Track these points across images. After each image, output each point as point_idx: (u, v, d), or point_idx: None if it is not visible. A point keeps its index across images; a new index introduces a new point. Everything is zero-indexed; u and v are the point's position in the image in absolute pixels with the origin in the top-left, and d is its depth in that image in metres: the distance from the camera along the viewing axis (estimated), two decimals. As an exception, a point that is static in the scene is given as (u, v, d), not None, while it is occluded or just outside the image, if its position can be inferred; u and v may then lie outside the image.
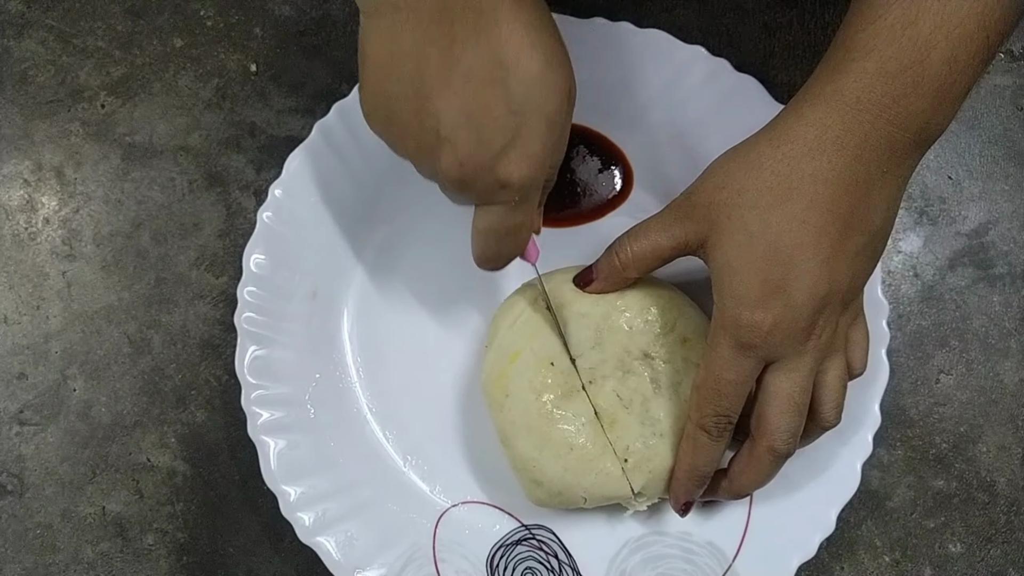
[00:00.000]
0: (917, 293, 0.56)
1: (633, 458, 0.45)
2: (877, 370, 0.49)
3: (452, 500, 0.50)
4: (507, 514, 0.50)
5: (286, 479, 0.48)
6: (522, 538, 0.50)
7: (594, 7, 0.54)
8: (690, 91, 0.51)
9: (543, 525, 0.50)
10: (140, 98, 0.56)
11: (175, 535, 0.53)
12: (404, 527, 0.49)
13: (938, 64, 0.37)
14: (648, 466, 0.45)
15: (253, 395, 0.48)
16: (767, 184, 0.39)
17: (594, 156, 0.53)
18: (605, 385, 0.46)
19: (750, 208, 0.39)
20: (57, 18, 0.57)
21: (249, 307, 0.49)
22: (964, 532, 0.54)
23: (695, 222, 0.41)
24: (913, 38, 0.37)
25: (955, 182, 0.57)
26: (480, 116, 0.36)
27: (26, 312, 0.54)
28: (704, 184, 0.42)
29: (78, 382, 0.54)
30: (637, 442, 0.45)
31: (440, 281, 0.52)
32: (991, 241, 0.56)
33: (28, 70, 0.56)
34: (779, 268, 0.39)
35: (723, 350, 0.41)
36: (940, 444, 0.54)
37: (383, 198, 0.51)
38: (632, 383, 0.46)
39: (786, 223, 0.39)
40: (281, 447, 0.48)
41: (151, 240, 0.55)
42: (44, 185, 0.56)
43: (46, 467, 0.53)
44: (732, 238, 0.40)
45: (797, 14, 0.57)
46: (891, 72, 0.37)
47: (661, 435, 0.45)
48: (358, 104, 0.40)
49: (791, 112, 0.40)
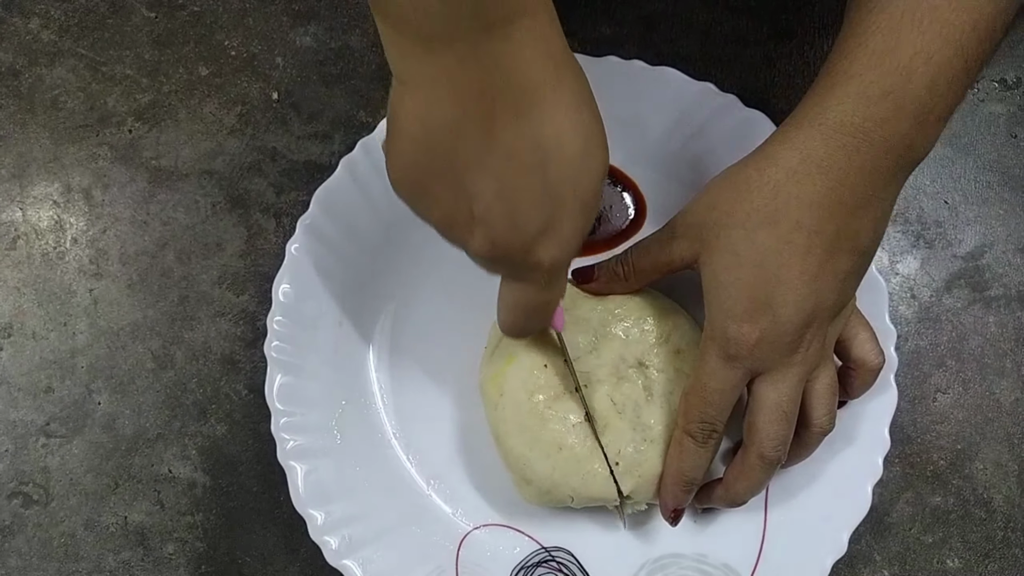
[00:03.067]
0: (914, 314, 0.57)
1: (624, 462, 0.46)
2: (886, 395, 0.50)
3: (474, 523, 0.51)
4: (527, 536, 0.51)
5: (314, 503, 0.49)
6: (542, 560, 0.51)
7: (600, 39, 0.57)
8: (700, 126, 0.53)
9: (562, 547, 0.51)
10: (166, 124, 0.58)
11: (194, 545, 0.54)
12: (427, 549, 0.50)
13: (919, 89, 0.39)
14: (638, 471, 0.46)
15: (282, 422, 0.49)
16: (754, 206, 0.40)
17: (609, 186, 0.55)
18: (599, 389, 0.48)
19: (738, 228, 0.41)
20: (87, 47, 0.59)
21: (278, 336, 0.50)
22: (962, 547, 0.54)
23: (689, 240, 0.43)
24: (894, 65, 0.38)
25: (951, 207, 0.58)
26: (516, 199, 0.34)
27: (54, 328, 0.56)
28: (697, 204, 0.43)
29: (103, 396, 0.55)
30: (628, 447, 0.46)
31: (465, 307, 0.52)
32: (986, 264, 0.58)
33: (59, 96, 0.59)
34: (766, 286, 0.40)
35: (711, 360, 0.42)
36: (938, 461, 0.55)
37: (408, 230, 0.52)
38: (626, 389, 0.47)
39: (772, 243, 0.40)
40: (308, 472, 0.49)
41: (175, 260, 0.57)
42: (73, 206, 0.57)
43: (71, 478, 0.54)
44: (721, 256, 0.41)
45: (796, 45, 0.59)
46: (873, 97, 0.39)
47: (652, 441, 0.47)
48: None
49: (778, 136, 0.41)
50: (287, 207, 0.57)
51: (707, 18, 0.59)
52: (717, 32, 0.59)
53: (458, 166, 0.34)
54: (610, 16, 0.59)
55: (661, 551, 0.51)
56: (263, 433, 0.51)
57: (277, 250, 0.56)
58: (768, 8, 0.59)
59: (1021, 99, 0.60)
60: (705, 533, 0.51)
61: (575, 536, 0.51)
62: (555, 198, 0.35)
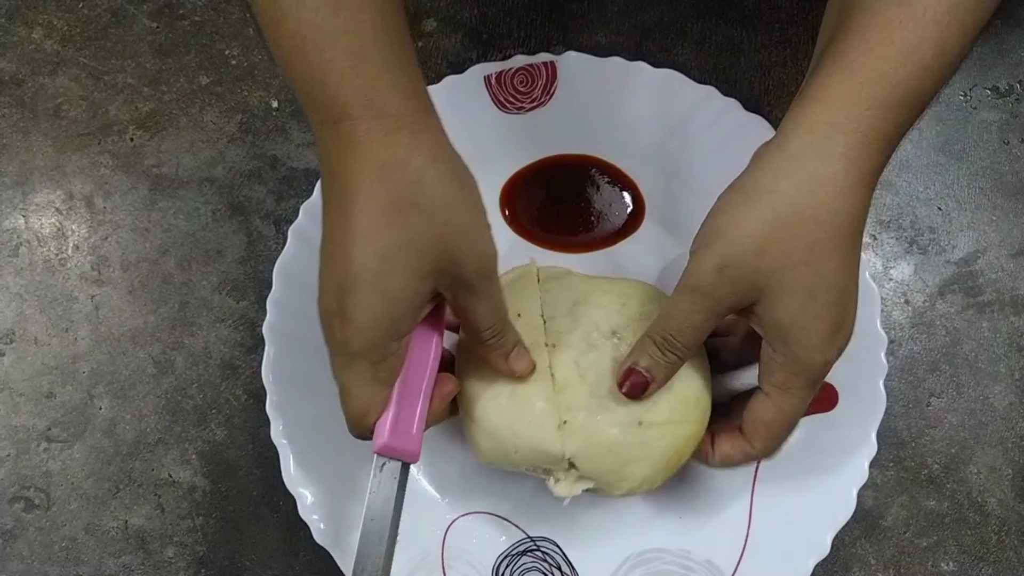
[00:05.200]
0: (908, 319, 0.57)
1: (573, 422, 0.44)
2: (874, 400, 0.51)
3: (462, 510, 0.52)
4: (514, 525, 0.52)
5: (304, 482, 0.49)
6: (527, 549, 0.51)
7: (596, 48, 0.57)
8: (701, 128, 0.54)
9: (548, 538, 0.52)
10: (167, 132, 0.59)
11: (194, 548, 0.54)
12: (415, 534, 0.50)
13: (935, 88, 0.39)
14: (585, 436, 0.44)
15: (276, 399, 0.50)
16: (815, 238, 0.38)
17: (608, 185, 0.55)
18: (566, 353, 0.46)
19: (803, 266, 0.38)
20: (89, 56, 0.60)
21: (275, 316, 0.51)
22: (956, 551, 0.55)
23: (740, 294, 0.40)
24: (918, 63, 0.38)
25: (944, 213, 0.59)
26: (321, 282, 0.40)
27: (55, 334, 0.56)
28: (736, 253, 0.39)
29: (104, 401, 0.55)
30: (581, 412, 0.45)
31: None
32: (979, 269, 0.58)
33: (61, 105, 0.59)
34: (840, 309, 0.40)
35: (800, 393, 0.41)
36: (932, 465, 0.55)
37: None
38: (593, 357, 0.46)
39: (841, 268, 0.39)
40: (300, 452, 0.50)
41: (176, 266, 0.57)
42: (75, 214, 0.58)
43: (72, 482, 0.55)
44: (793, 297, 0.39)
45: (791, 53, 0.60)
46: (903, 104, 0.38)
47: (608, 411, 0.44)
48: None
49: (811, 150, 0.38)
50: (287, 214, 0.57)
51: (701, 27, 0.60)
52: (712, 41, 0.60)
53: None
54: (605, 25, 0.60)
55: (645, 545, 0.51)
56: (263, 438, 0.51)
57: (277, 257, 0.56)
58: (762, 18, 0.60)
59: (1013, 106, 0.60)
60: (689, 529, 0.51)
61: (561, 527, 0.51)
62: (337, 290, 0.39)
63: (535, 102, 0.55)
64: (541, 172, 0.56)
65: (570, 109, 0.55)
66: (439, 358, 0.43)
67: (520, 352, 0.45)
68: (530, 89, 0.55)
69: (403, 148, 0.37)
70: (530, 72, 0.55)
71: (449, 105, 0.51)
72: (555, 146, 0.55)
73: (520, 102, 0.55)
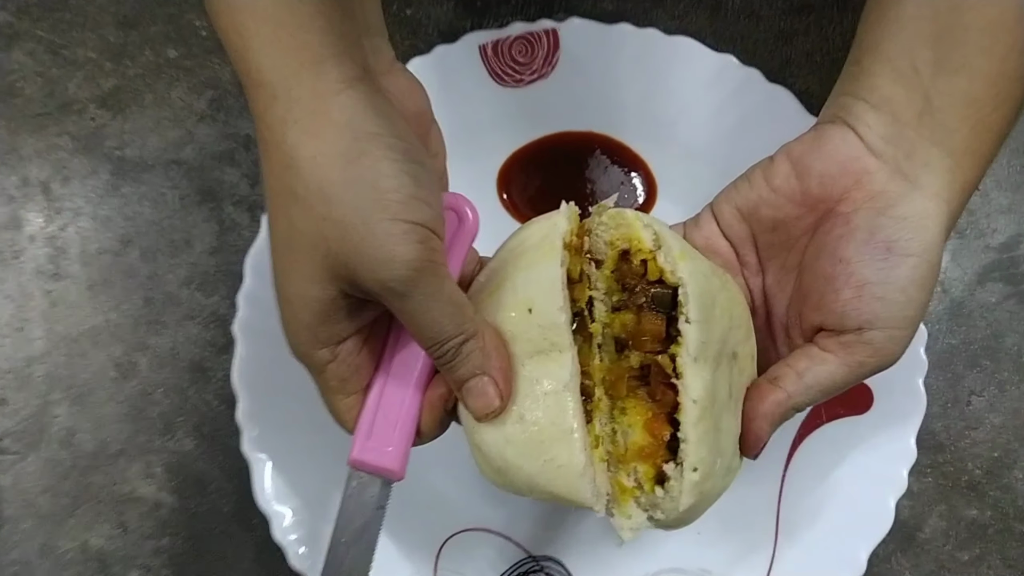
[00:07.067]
0: (945, 310, 0.55)
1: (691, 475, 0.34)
2: (913, 400, 0.49)
3: (457, 526, 0.49)
4: (515, 544, 0.49)
5: (280, 500, 0.47)
6: (529, 570, 0.49)
7: (602, 15, 0.54)
8: (720, 102, 0.51)
9: (553, 557, 0.49)
10: (131, 111, 0.56)
11: (160, 572, 0.52)
12: (403, 553, 0.48)
13: None
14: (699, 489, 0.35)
15: (247, 406, 0.47)
16: (923, 274, 0.37)
17: (615, 166, 0.53)
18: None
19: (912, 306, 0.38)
20: (47, 29, 0.57)
21: (247, 312, 0.48)
22: (1001, 565, 0.52)
23: (880, 356, 0.38)
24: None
25: (983, 193, 0.56)
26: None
27: (8, 334, 0.54)
28: (860, 309, 0.37)
29: (61, 408, 0.53)
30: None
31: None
32: (1022, 255, 0.55)
33: (16, 82, 0.56)
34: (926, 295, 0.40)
35: (863, 371, 0.38)
36: (973, 470, 0.53)
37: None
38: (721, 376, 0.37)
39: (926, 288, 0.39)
40: (276, 465, 0.47)
41: (140, 258, 0.54)
42: (30, 201, 0.55)
43: (24, 499, 0.52)
44: (900, 345, 0.38)
45: (815, 19, 0.57)
46: (992, 126, 0.38)
47: (721, 455, 0.36)
48: None
49: (913, 189, 0.37)
50: (261, 200, 0.55)
51: (717, -8, 0.57)
52: (728, 6, 0.57)
53: None
54: (612, -9, 0.57)
55: (660, 565, 0.49)
56: (235, 448, 0.48)
57: (251, 247, 0.53)
58: (782, -20, 0.57)
59: (1054, 79, 0.57)
60: (710, 547, 0.49)
61: (567, 546, 0.49)
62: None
63: (535, 74, 0.53)
64: (543, 151, 0.54)
65: (574, 82, 0.53)
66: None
67: (479, 385, 0.35)
68: (530, 60, 0.53)
69: (278, 122, 0.32)
70: (530, 41, 0.53)
71: (440, 78, 0.50)
72: (558, 123, 0.54)
73: (519, 74, 0.53)
